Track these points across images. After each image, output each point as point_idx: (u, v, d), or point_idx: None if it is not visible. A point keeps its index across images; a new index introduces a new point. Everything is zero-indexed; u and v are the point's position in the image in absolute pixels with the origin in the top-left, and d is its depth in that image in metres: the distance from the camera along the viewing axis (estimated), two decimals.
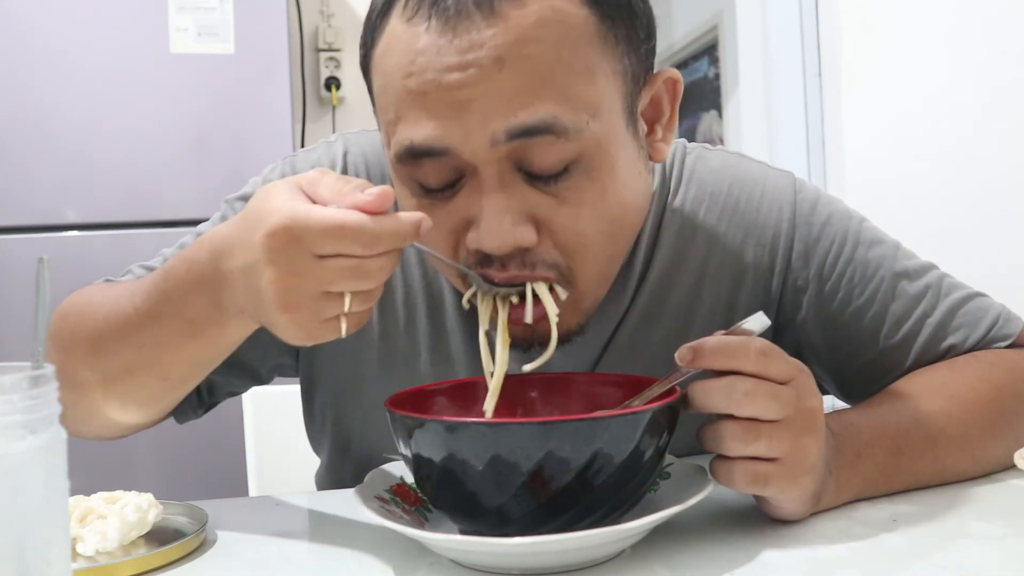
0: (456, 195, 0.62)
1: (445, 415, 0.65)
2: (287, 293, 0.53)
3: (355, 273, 0.53)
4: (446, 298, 0.78)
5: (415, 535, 0.55)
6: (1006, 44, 1.78)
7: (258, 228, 0.53)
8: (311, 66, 2.62)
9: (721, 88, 2.96)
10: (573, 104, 0.59)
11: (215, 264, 0.58)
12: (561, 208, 0.62)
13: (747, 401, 0.54)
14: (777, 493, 0.57)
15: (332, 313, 0.55)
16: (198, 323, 0.62)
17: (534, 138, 0.59)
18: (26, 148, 1.86)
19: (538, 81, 0.58)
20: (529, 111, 0.58)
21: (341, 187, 0.54)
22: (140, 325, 0.65)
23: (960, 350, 0.76)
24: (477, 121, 0.58)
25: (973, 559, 0.55)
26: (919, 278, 0.78)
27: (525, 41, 0.58)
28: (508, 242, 0.60)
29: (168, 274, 0.63)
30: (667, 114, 0.69)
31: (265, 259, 0.53)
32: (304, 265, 0.53)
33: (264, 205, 0.54)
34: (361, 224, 0.52)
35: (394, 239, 0.53)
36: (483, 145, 0.59)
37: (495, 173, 0.60)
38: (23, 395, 0.40)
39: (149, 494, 0.66)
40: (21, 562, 0.39)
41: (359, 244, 0.52)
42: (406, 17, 0.60)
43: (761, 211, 0.78)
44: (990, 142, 1.79)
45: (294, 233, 0.52)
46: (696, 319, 0.77)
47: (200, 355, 0.65)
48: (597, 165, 0.62)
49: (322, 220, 0.52)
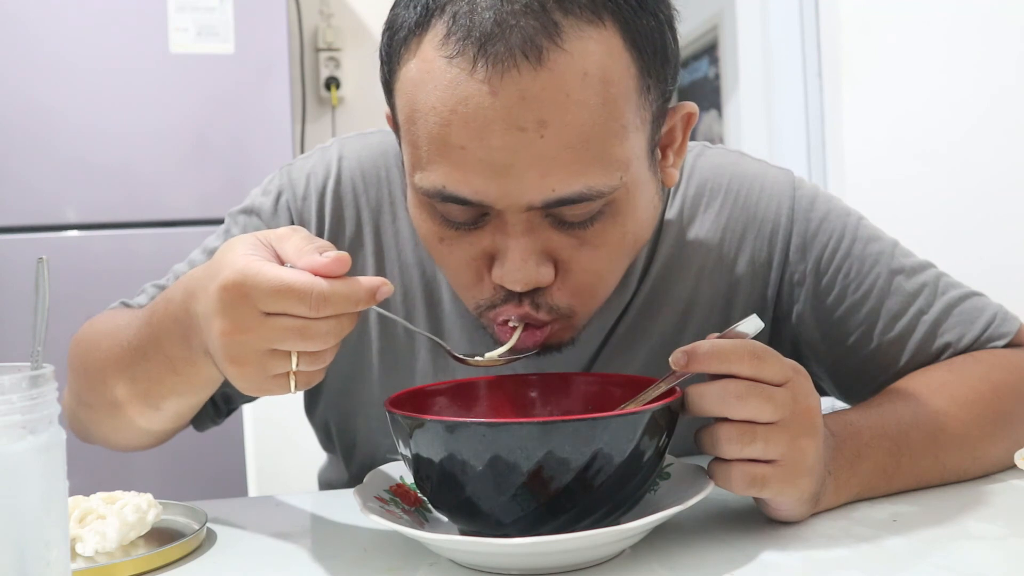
0: (479, 229, 0.62)
1: (445, 415, 0.65)
2: (234, 346, 0.54)
3: (301, 334, 0.54)
4: (444, 299, 0.78)
5: (415, 535, 0.55)
6: (1006, 44, 1.78)
7: (214, 279, 0.55)
8: (311, 66, 2.62)
9: (721, 88, 2.96)
10: (607, 167, 0.59)
11: (186, 306, 0.60)
12: (583, 249, 0.62)
13: (740, 404, 0.55)
14: (775, 495, 0.58)
15: (279, 370, 0.56)
16: (177, 360, 0.63)
17: (570, 205, 0.59)
18: (26, 148, 1.86)
19: (578, 150, 0.57)
20: (566, 184, 0.58)
21: (303, 247, 0.55)
22: (133, 359, 0.67)
23: (956, 348, 0.77)
24: (515, 187, 0.58)
25: (973, 559, 0.55)
26: (916, 275, 0.78)
27: (568, 102, 0.56)
28: (531, 282, 0.61)
29: (153, 311, 0.66)
30: (679, 141, 0.69)
31: (216, 310, 0.54)
32: (251, 321, 0.53)
33: (224, 257, 0.55)
34: (309, 286, 0.52)
35: (345, 303, 0.53)
36: (517, 207, 0.59)
37: (524, 220, 0.60)
38: (23, 395, 0.40)
39: (148, 494, 0.66)
40: (21, 562, 0.39)
41: (305, 306, 0.52)
42: (446, 53, 0.57)
43: (760, 206, 0.78)
44: (990, 142, 1.79)
45: (243, 289, 0.53)
46: (695, 312, 0.78)
47: (184, 389, 0.67)
48: (623, 210, 0.62)
49: (270, 279, 0.52)
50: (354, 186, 0.79)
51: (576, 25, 0.56)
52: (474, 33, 0.56)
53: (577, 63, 0.56)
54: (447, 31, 0.57)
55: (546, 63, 0.55)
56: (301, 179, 0.80)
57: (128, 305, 0.81)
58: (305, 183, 0.79)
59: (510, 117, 0.56)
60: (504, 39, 0.55)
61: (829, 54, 1.96)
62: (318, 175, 0.80)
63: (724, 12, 2.86)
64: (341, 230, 0.79)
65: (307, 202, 0.79)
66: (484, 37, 0.55)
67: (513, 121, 0.56)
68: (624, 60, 0.58)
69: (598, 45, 0.57)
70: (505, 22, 0.55)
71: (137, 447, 0.77)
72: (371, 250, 0.79)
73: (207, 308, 0.55)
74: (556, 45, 0.55)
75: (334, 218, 0.79)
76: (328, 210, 0.79)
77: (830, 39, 1.95)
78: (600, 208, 0.61)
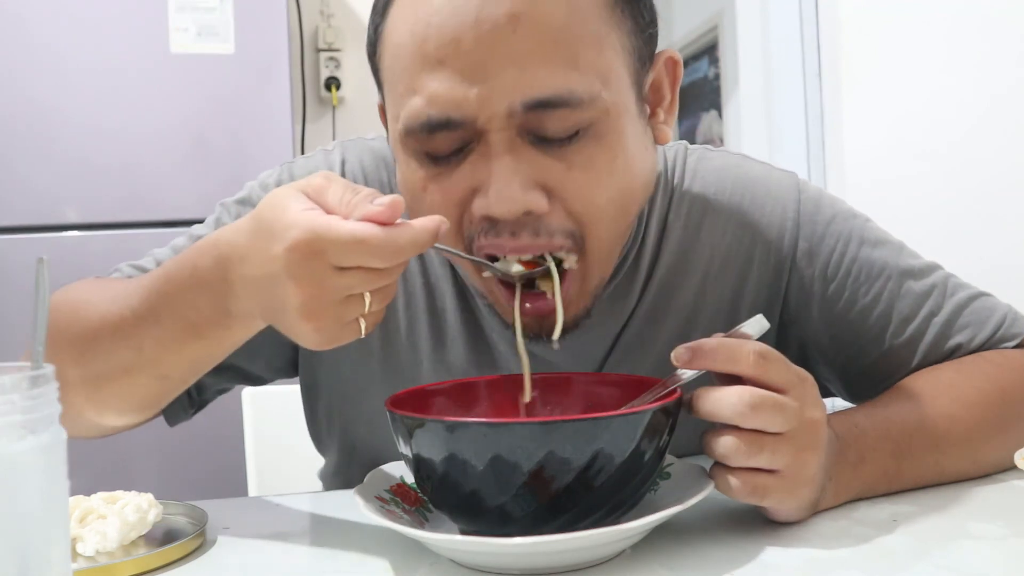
0: (463, 162, 0.62)
1: (446, 415, 0.65)
2: (310, 303, 0.54)
3: (375, 279, 0.54)
4: (447, 306, 0.78)
5: (415, 535, 0.55)
6: (1006, 44, 1.78)
7: (277, 240, 0.53)
8: (311, 66, 2.62)
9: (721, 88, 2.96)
10: (584, 71, 0.60)
11: (223, 272, 0.58)
12: (571, 173, 0.62)
13: (753, 414, 0.54)
14: (775, 504, 0.58)
15: (353, 316, 0.56)
16: (201, 325, 0.62)
17: (550, 110, 0.60)
18: (26, 148, 1.86)
19: (551, 44, 0.59)
20: (545, 82, 0.59)
21: (350, 197, 0.54)
22: (137, 326, 0.65)
23: (967, 349, 0.76)
24: (494, 88, 0.59)
25: (973, 559, 0.55)
26: (925, 277, 0.78)
27: None
28: (518, 206, 0.60)
29: (169, 277, 0.63)
30: (668, 97, 0.70)
31: (286, 273, 0.53)
32: (325, 277, 0.53)
33: (281, 217, 0.54)
34: (382, 238, 0.52)
35: (413, 248, 0.53)
36: (499, 114, 0.60)
37: (505, 139, 0.60)
38: (23, 395, 0.40)
39: (149, 494, 0.66)
40: (21, 562, 0.39)
41: (380, 258, 0.53)
42: None
43: (765, 210, 0.78)
44: (990, 142, 1.79)
45: (316, 247, 0.52)
46: (701, 317, 0.78)
47: (202, 354, 0.65)
48: (607, 132, 0.62)
49: (343, 235, 0.52)
50: None
51: None
52: None
53: None
54: None
55: None
56: (302, 176, 0.79)
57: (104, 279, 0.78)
58: None
59: (481, 16, 0.58)
60: None
61: (829, 54, 1.96)
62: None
63: (724, 12, 2.86)
64: None
65: None
66: None
67: (485, 20, 0.58)
68: None
69: None
70: None
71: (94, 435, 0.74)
72: None
73: (270, 270, 0.54)
74: None
75: None
76: None
77: (830, 39, 1.95)
78: (582, 127, 0.61)
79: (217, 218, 0.80)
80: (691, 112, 3.25)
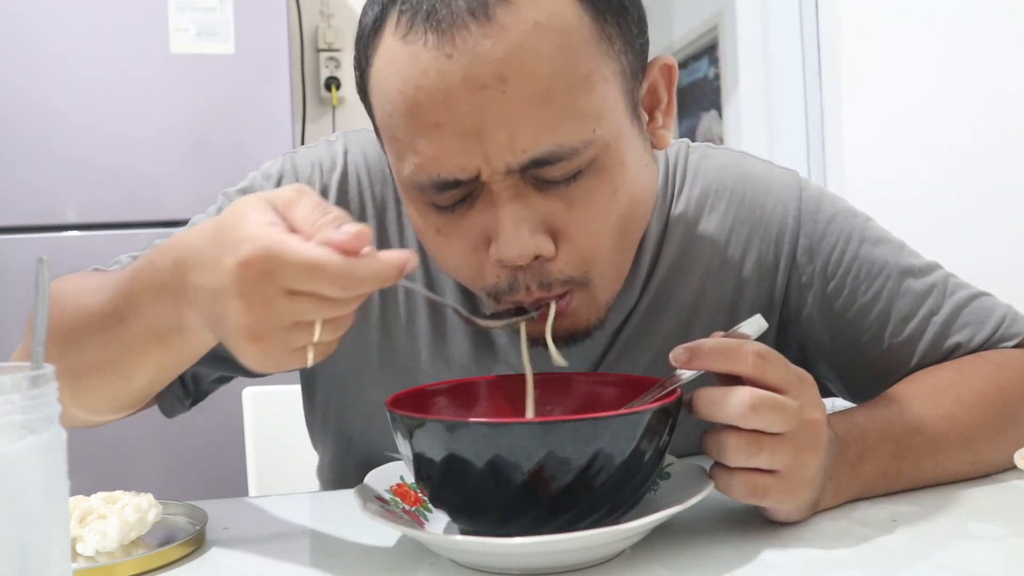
0: (470, 211, 0.62)
1: (445, 415, 0.65)
2: (255, 324, 0.50)
3: (328, 307, 0.51)
4: (448, 297, 0.78)
5: (415, 535, 0.55)
6: (1006, 44, 1.78)
7: (229, 253, 0.50)
8: (311, 66, 2.62)
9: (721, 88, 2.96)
10: (576, 119, 0.59)
11: (179, 275, 0.55)
12: (573, 211, 0.62)
13: (753, 415, 0.54)
14: (775, 504, 0.58)
15: (300, 343, 0.52)
16: (163, 329, 0.59)
17: (547, 165, 0.59)
18: (26, 148, 1.86)
19: (541, 100, 0.57)
20: (536, 142, 0.58)
21: (316, 217, 0.51)
22: (105, 323, 0.62)
23: (966, 349, 0.76)
24: (489, 150, 0.58)
25: (973, 559, 0.55)
26: (925, 276, 0.78)
27: (523, 53, 0.57)
28: (528, 251, 0.61)
29: (134, 276, 0.61)
30: (665, 100, 0.69)
31: (234, 288, 0.50)
32: (275, 298, 0.50)
33: (238, 227, 0.51)
34: (339, 267, 0.49)
35: (374, 282, 0.50)
36: (499, 171, 0.59)
37: (508, 187, 0.60)
38: (23, 395, 0.40)
39: (149, 494, 0.66)
40: (21, 562, 0.39)
41: (335, 287, 0.49)
42: (400, 35, 0.59)
43: (766, 208, 0.78)
44: (990, 142, 1.79)
45: (268, 266, 0.49)
46: (700, 314, 0.78)
47: (165, 360, 0.62)
48: (607, 165, 0.62)
49: (299, 257, 0.48)
50: (359, 180, 0.79)
51: None
52: (422, 7, 0.58)
53: (525, 14, 0.57)
54: (398, 16, 0.59)
55: (494, 18, 0.56)
56: (306, 166, 0.79)
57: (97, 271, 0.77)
58: (309, 171, 0.79)
59: (469, 77, 0.57)
60: (448, 5, 0.57)
61: (829, 54, 1.96)
62: (324, 165, 0.79)
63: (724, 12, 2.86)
64: None
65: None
66: (430, 8, 0.57)
67: (473, 80, 0.57)
68: (575, 8, 0.59)
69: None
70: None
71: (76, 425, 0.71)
72: (376, 247, 0.78)
73: (219, 283, 0.51)
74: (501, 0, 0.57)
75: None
76: (332, 202, 0.78)
77: (830, 39, 1.95)
78: (583, 166, 0.61)
79: (219, 207, 0.79)
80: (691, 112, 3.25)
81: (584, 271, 0.64)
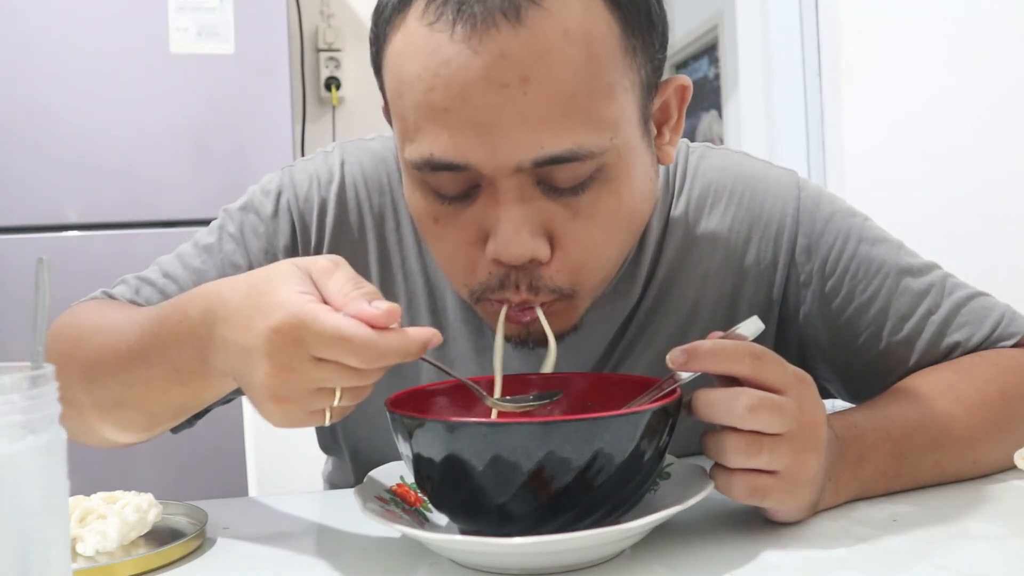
0: (472, 203, 0.62)
1: (446, 415, 0.65)
2: (280, 386, 0.53)
3: (351, 376, 0.53)
4: (448, 303, 0.78)
5: (415, 535, 0.55)
6: (1006, 43, 1.78)
7: (262, 317, 0.53)
8: (311, 66, 2.62)
9: (721, 88, 2.96)
10: (596, 126, 0.59)
11: (208, 324, 0.58)
12: (577, 220, 0.62)
13: (751, 416, 0.54)
14: (775, 505, 0.58)
15: (321, 406, 0.55)
16: (185, 372, 0.61)
17: (559, 165, 0.59)
18: (26, 148, 1.86)
19: (563, 106, 0.57)
20: (554, 141, 0.57)
21: (349, 289, 0.53)
22: (130, 363, 0.65)
23: (964, 348, 0.76)
24: (502, 145, 0.58)
25: (973, 559, 0.55)
26: (923, 276, 0.78)
27: (551, 58, 0.56)
28: (526, 253, 0.61)
29: (162, 319, 0.63)
30: (674, 117, 0.69)
31: (263, 351, 0.52)
32: (301, 364, 0.52)
33: (273, 294, 0.53)
34: (366, 341, 0.51)
35: (397, 356, 0.52)
36: (506, 167, 0.59)
37: (514, 186, 0.60)
38: (23, 395, 0.40)
39: (149, 494, 0.66)
40: (21, 562, 0.39)
41: (360, 359, 0.51)
42: (427, 21, 0.57)
43: (765, 207, 0.78)
44: (990, 142, 1.79)
45: (297, 334, 0.51)
46: (700, 314, 0.78)
47: (185, 401, 0.65)
48: (615, 176, 0.62)
49: (327, 329, 0.51)
50: (357, 192, 0.79)
51: None
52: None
53: (557, 20, 0.56)
54: (427, 2, 0.58)
55: (525, 21, 0.56)
56: (304, 180, 0.79)
57: (110, 295, 0.79)
58: (308, 185, 0.79)
59: (492, 75, 0.56)
60: (482, 1, 0.56)
61: (829, 54, 1.96)
62: (321, 178, 0.79)
63: (724, 12, 2.86)
64: (344, 234, 0.78)
65: (308, 203, 0.78)
66: (462, 1, 0.56)
67: (495, 79, 0.56)
68: (606, 18, 0.59)
69: (578, 3, 0.57)
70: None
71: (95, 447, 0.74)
72: (375, 257, 0.78)
73: (249, 343, 0.53)
74: (535, 3, 0.56)
75: (337, 222, 0.78)
76: (331, 214, 0.78)
77: (830, 39, 1.95)
78: (592, 173, 0.60)
79: (221, 225, 0.80)
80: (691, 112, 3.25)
81: (572, 283, 0.64)
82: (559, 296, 0.64)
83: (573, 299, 0.65)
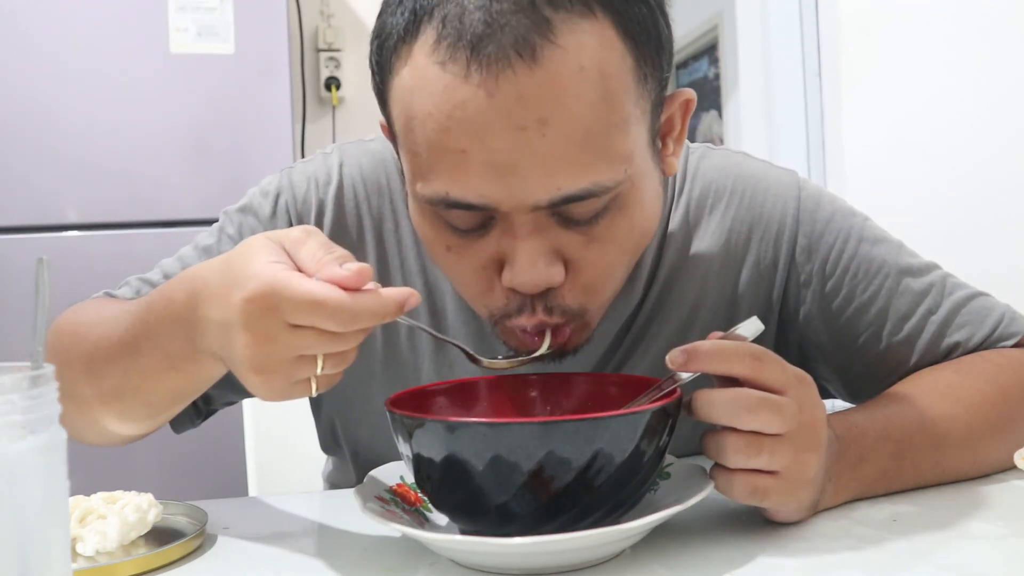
0: (487, 234, 0.62)
1: (446, 415, 0.65)
2: (260, 357, 0.53)
3: (330, 341, 0.53)
4: (448, 304, 0.78)
5: (415, 535, 0.55)
6: (1006, 44, 1.78)
7: (237, 289, 0.53)
8: (311, 66, 2.62)
9: (721, 88, 2.96)
10: (611, 161, 0.58)
11: (192, 306, 0.58)
12: (591, 246, 0.62)
13: (751, 416, 0.54)
14: (775, 505, 0.58)
15: (304, 375, 0.55)
16: (177, 358, 0.62)
17: (576, 202, 0.59)
18: (26, 148, 1.86)
19: (579, 144, 0.56)
20: (571, 182, 0.57)
21: (321, 255, 0.54)
22: (124, 353, 0.65)
23: (965, 348, 0.76)
24: (520, 188, 0.57)
25: (973, 559, 0.55)
26: (923, 276, 0.78)
27: (567, 98, 0.55)
28: (542, 284, 0.61)
29: (150, 307, 0.63)
30: (678, 128, 0.69)
31: (240, 322, 0.53)
32: (278, 333, 0.52)
33: (246, 265, 0.54)
34: (339, 303, 0.51)
35: (373, 318, 0.52)
36: (523, 207, 0.58)
37: (530, 221, 0.59)
38: (23, 395, 0.40)
39: (149, 494, 0.66)
40: (21, 562, 0.39)
41: (335, 321, 0.52)
42: (438, 59, 0.56)
43: (765, 207, 0.78)
44: (990, 142, 1.79)
45: (271, 302, 0.52)
46: (700, 314, 0.78)
47: (180, 387, 0.65)
48: (628, 202, 0.62)
49: (300, 294, 0.51)
50: (355, 193, 0.79)
51: (568, 19, 0.55)
52: (465, 36, 0.55)
53: (572, 58, 0.55)
54: (437, 36, 0.56)
55: (541, 60, 0.54)
56: (302, 182, 0.79)
57: (113, 296, 0.79)
58: (306, 186, 0.79)
59: (509, 118, 0.55)
60: (495, 39, 0.54)
61: (829, 54, 1.96)
62: (320, 179, 0.79)
63: (724, 12, 2.86)
64: (342, 236, 0.78)
65: (307, 205, 0.78)
66: (475, 39, 0.54)
67: (513, 122, 0.55)
68: (619, 50, 0.58)
69: (592, 38, 0.56)
70: (495, 22, 0.54)
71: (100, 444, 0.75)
72: (374, 258, 0.78)
73: (227, 317, 0.54)
74: (549, 41, 0.54)
75: (335, 224, 0.78)
76: (329, 216, 0.78)
77: (830, 39, 1.95)
78: (606, 203, 0.60)
79: (220, 227, 0.80)
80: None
81: (582, 303, 0.64)
82: (571, 316, 0.64)
83: (584, 317, 0.65)
